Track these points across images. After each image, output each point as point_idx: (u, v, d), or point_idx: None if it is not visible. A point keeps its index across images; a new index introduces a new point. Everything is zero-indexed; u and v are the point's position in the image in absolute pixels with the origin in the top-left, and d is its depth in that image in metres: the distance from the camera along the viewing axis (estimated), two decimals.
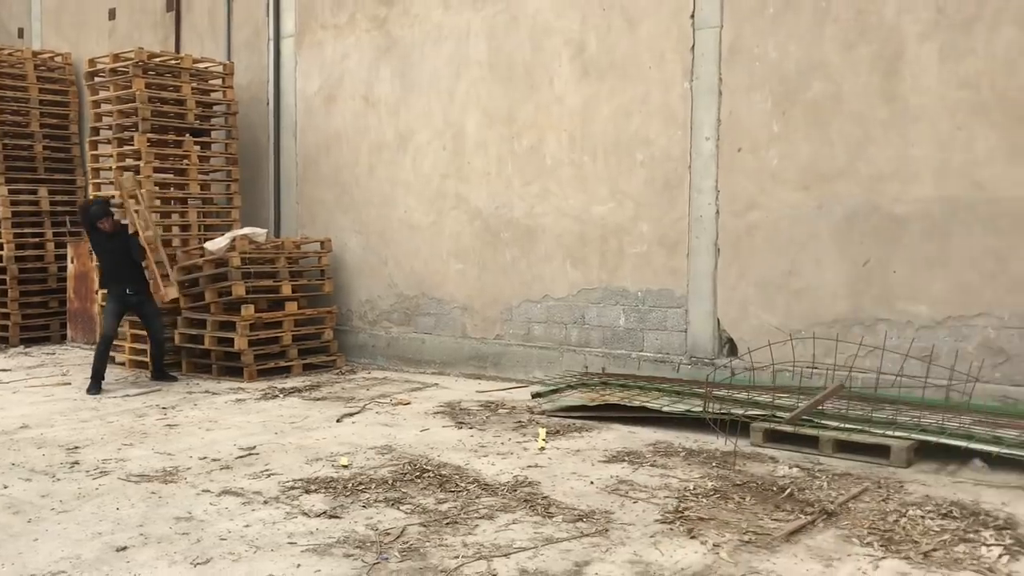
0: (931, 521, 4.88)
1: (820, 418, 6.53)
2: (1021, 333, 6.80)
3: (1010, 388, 6.82)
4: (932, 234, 7.12)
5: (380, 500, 5.39)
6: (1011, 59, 6.76)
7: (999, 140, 6.82)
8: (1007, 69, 6.78)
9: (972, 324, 6.98)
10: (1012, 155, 6.77)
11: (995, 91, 6.83)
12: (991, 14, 6.82)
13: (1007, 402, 6.80)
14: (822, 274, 7.64)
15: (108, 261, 9.28)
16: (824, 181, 7.58)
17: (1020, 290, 6.78)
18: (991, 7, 6.82)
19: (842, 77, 7.46)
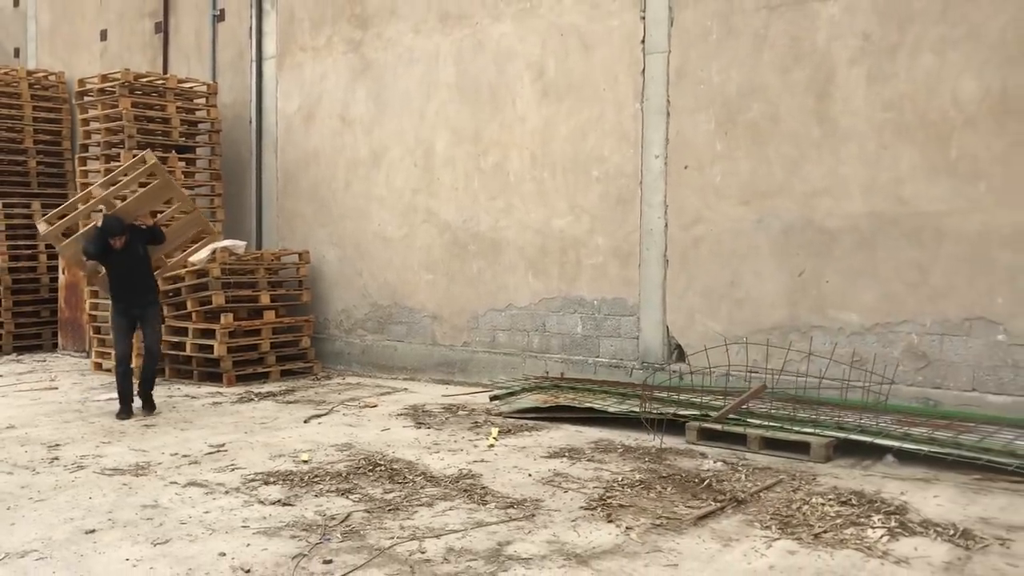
0: (830, 508, 5.34)
1: (750, 417, 7.00)
2: (941, 339, 7.26)
3: (931, 390, 7.29)
4: (861, 247, 7.60)
5: (332, 491, 5.85)
6: (930, 84, 7.26)
7: (920, 159, 7.31)
8: (927, 92, 7.28)
9: (897, 331, 7.45)
10: (932, 173, 7.26)
11: (916, 113, 7.32)
12: (912, 41, 7.32)
13: (928, 404, 7.26)
14: (762, 284, 8.11)
15: (116, 274, 8.40)
16: (763, 197, 8.07)
17: (940, 299, 7.25)
18: (912, 35, 7.33)
19: (779, 99, 7.97)
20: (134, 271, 8.37)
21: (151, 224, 8.72)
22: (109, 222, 8.25)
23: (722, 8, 8.23)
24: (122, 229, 8.22)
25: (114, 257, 8.30)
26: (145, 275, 8.48)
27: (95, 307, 11.33)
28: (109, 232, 8.19)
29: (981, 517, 5.22)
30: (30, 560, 4.65)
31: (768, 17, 8.00)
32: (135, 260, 8.37)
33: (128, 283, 8.36)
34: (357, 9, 10.99)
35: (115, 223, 8.23)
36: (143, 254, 8.47)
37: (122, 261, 8.32)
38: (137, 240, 8.39)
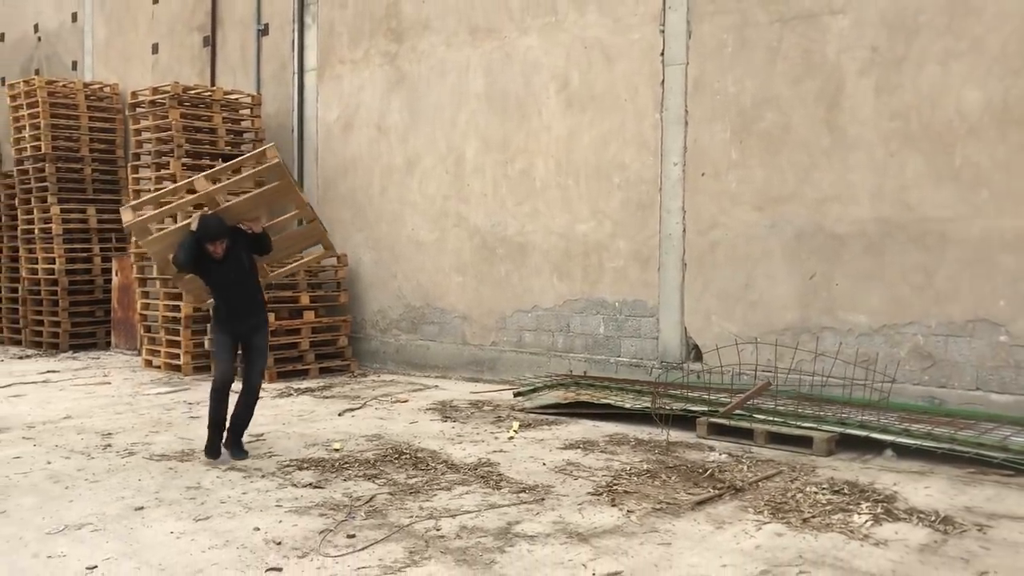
0: (822, 496, 5.68)
1: (758, 414, 7.33)
2: (946, 340, 7.53)
3: (936, 389, 7.56)
4: (869, 251, 7.89)
5: (360, 476, 6.32)
6: (935, 94, 7.54)
7: (926, 166, 7.59)
8: (931, 103, 7.56)
9: (904, 332, 7.73)
10: (937, 180, 7.54)
11: (922, 122, 7.60)
12: (917, 54, 7.61)
13: (934, 402, 7.53)
14: (774, 287, 8.44)
15: (217, 289, 6.80)
16: (776, 203, 8.39)
17: (945, 301, 7.52)
18: (917, 48, 7.61)
19: (791, 109, 8.29)
20: (239, 286, 6.75)
21: (255, 229, 6.89)
22: (208, 223, 6.56)
23: (737, 22, 8.57)
24: (222, 232, 6.56)
25: (213, 269, 6.65)
26: (253, 292, 6.85)
27: (146, 307, 11.97)
28: (206, 235, 6.53)
29: (966, 506, 5.52)
30: (86, 532, 5.17)
31: (781, 30, 8.32)
32: (240, 273, 6.73)
33: (231, 301, 6.76)
34: (393, 23, 11.50)
35: (215, 224, 6.57)
36: (249, 266, 6.82)
37: (224, 274, 6.68)
38: (240, 247, 6.75)
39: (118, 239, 14.30)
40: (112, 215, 14.47)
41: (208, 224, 6.58)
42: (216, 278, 6.72)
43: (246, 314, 6.79)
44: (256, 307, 6.88)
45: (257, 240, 6.89)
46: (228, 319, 6.78)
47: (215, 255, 6.60)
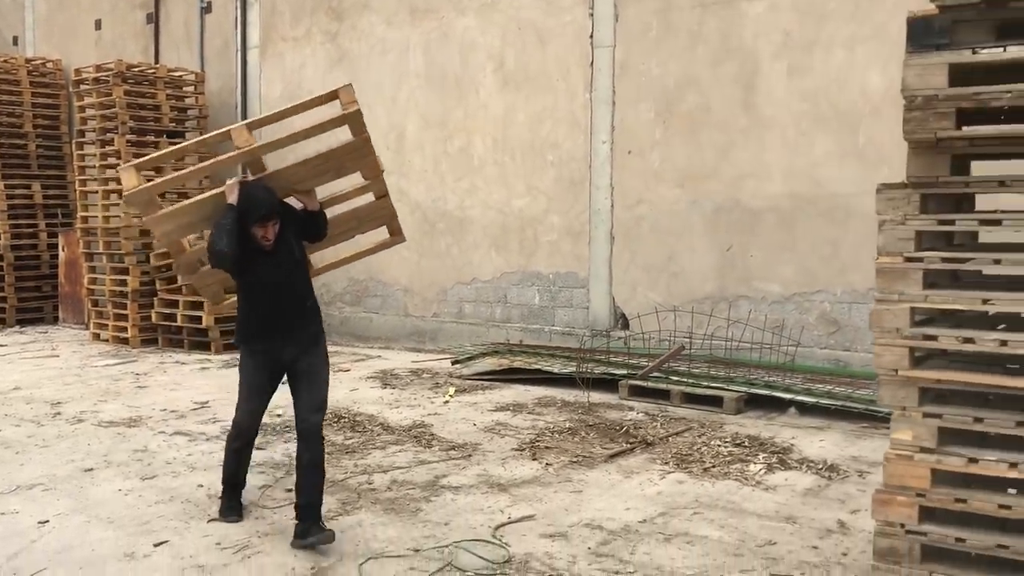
0: (724, 449, 6.21)
1: (676, 376, 7.86)
2: (850, 307, 8.11)
3: (841, 353, 8.14)
4: (782, 225, 8.43)
5: None
6: (842, 77, 8.06)
7: (834, 145, 8.13)
8: (839, 85, 8.08)
9: (812, 299, 8.30)
10: (843, 158, 8.08)
11: (830, 103, 8.13)
12: (826, 38, 8.12)
13: (839, 364, 8.12)
14: (695, 259, 8.95)
15: (258, 291, 4.71)
16: (697, 180, 8.89)
17: (850, 271, 8.08)
18: (826, 33, 8.12)
19: (711, 91, 8.77)
20: (289, 287, 4.72)
21: (312, 204, 4.89)
22: (255, 194, 4.55)
23: (661, 6, 9.01)
24: (275, 207, 4.58)
25: (258, 262, 4.63)
26: (305, 293, 4.80)
27: (93, 281, 12.16)
28: (255, 211, 4.50)
29: (853, 456, 6.09)
30: (37, 491, 5.51)
31: (702, 15, 8.78)
32: (291, 267, 4.72)
33: (277, 307, 4.67)
34: (333, 2, 11.75)
35: (265, 196, 4.57)
36: (300, 255, 4.83)
37: (271, 269, 4.65)
38: (290, 231, 4.71)
39: (64, 214, 14.40)
40: (58, 191, 14.55)
41: (255, 196, 4.51)
42: (261, 274, 4.62)
43: (297, 325, 4.71)
44: (311, 314, 4.80)
45: (312, 221, 4.86)
46: (266, 334, 4.66)
47: (263, 241, 4.54)
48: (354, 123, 4.93)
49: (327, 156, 4.94)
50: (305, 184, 4.92)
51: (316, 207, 4.91)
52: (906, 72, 3.43)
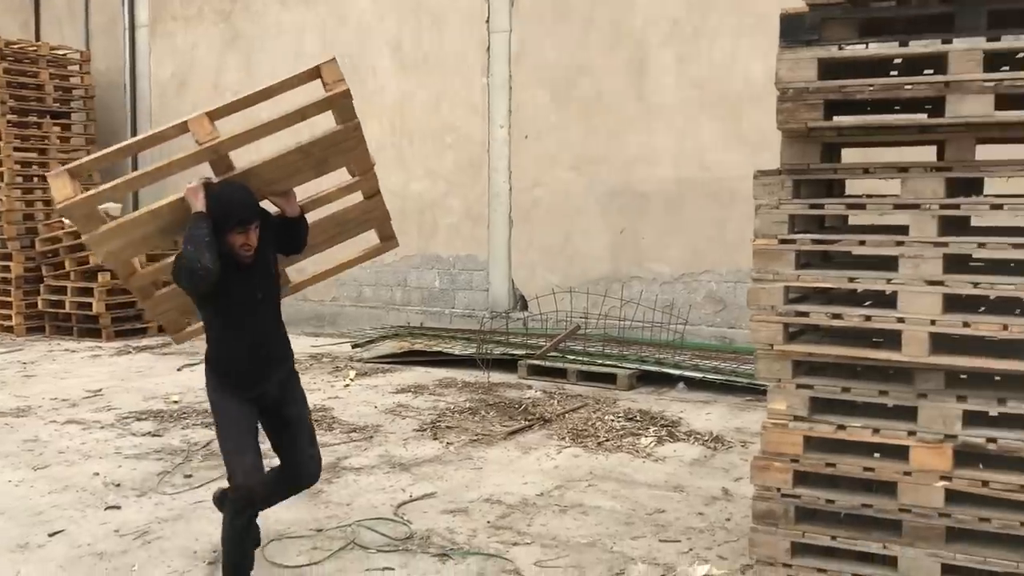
0: (617, 423, 6.47)
1: (572, 355, 8.09)
2: (735, 286, 8.49)
3: (727, 330, 8.53)
4: (671, 207, 8.75)
5: (198, 424, 6.68)
6: (727, 65, 8.40)
7: (719, 131, 8.47)
8: (724, 73, 8.42)
9: (700, 279, 8.66)
10: (728, 143, 8.43)
11: (716, 90, 8.47)
12: (712, 28, 8.45)
13: (725, 341, 8.50)
14: (590, 241, 9.21)
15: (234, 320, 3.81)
16: (590, 164, 9.13)
17: (735, 251, 8.45)
18: (712, 22, 8.44)
19: (603, 77, 9.00)
20: (267, 309, 3.91)
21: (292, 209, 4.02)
22: (229, 195, 3.69)
23: None
24: (256, 209, 3.75)
25: (230, 278, 3.71)
26: (277, 317, 3.99)
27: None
28: (235, 215, 3.65)
29: (737, 427, 6.43)
30: None
31: (594, 2, 8.99)
32: (268, 282, 3.91)
33: (251, 335, 3.83)
34: None
35: (242, 196, 3.71)
36: (275, 271, 4.00)
37: (248, 288, 3.80)
38: (266, 241, 3.84)
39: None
40: None
41: (230, 197, 3.67)
42: (235, 295, 3.73)
43: (277, 358, 3.93)
44: (284, 343, 4.00)
45: (290, 229, 4.01)
46: (242, 370, 3.81)
47: (243, 251, 3.68)
48: (341, 107, 4.10)
49: (307, 150, 3.98)
50: (281, 185, 3.98)
51: (296, 212, 4.00)
52: (779, 66, 3.66)
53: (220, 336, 3.84)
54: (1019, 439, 3.41)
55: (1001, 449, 3.42)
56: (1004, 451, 3.42)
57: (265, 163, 3.92)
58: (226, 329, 3.81)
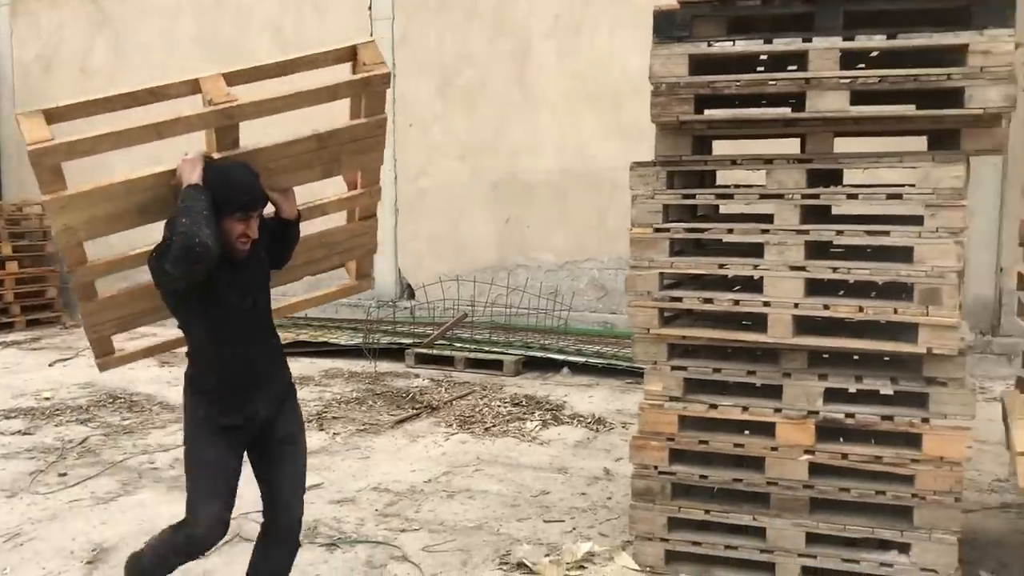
0: (503, 409, 6.58)
1: (460, 343, 8.17)
2: (616, 273, 8.72)
3: (609, 316, 8.76)
4: (555, 197, 8.91)
5: (72, 421, 6.45)
6: (606, 58, 8.60)
7: (600, 122, 8.67)
8: (604, 66, 8.61)
9: (583, 267, 8.86)
10: (608, 134, 8.63)
11: (596, 83, 8.65)
12: (592, 21, 8.63)
13: (607, 327, 8.73)
14: (476, 230, 9.28)
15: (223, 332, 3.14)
16: (476, 154, 9.20)
17: (615, 240, 8.67)
18: (591, 15, 8.62)
19: (487, 66, 9.08)
20: (261, 314, 3.31)
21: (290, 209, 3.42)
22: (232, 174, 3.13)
23: None
24: (262, 193, 3.18)
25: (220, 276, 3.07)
26: (272, 328, 3.36)
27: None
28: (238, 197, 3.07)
29: (618, 409, 6.63)
30: None
31: None
32: (262, 284, 3.32)
33: (251, 345, 3.23)
34: None
35: (248, 177, 3.16)
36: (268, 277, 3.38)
37: (238, 287, 3.18)
38: (262, 242, 3.25)
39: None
40: None
41: (233, 176, 3.12)
42: (225, 296, 3.12)
43: (273, 374, 3.32)
44: (280, 357, 3.39)
45: (283, 233, 3.41)
46: (232, 390, 3.19)
47: (240, 242, 3.10)
48: (374, 94, 3.56)
49: (324, 140, 3.46)
50: (283, 179, 3.37)
51: (294, 213, 3.41)
52: (652, 61, 3.80)
53: (205, 349, 3.18)
54: (874, 413, 3.66)
55: (858, 423, 3.67)
56: (861, 425, 3.67)
57: (275, 146, 3.37)
58: (214, 341, 3.14)
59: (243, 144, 3.36)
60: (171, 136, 3.22)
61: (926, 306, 3.46)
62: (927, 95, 3.68)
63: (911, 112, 3.68)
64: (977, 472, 4.94)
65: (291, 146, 3.40)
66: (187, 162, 3.10)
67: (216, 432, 3.17)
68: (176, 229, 2.89)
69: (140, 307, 3.49)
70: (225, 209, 3.02)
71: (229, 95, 3.33)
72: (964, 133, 3.54)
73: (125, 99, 3.46)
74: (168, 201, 3.12)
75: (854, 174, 3.90)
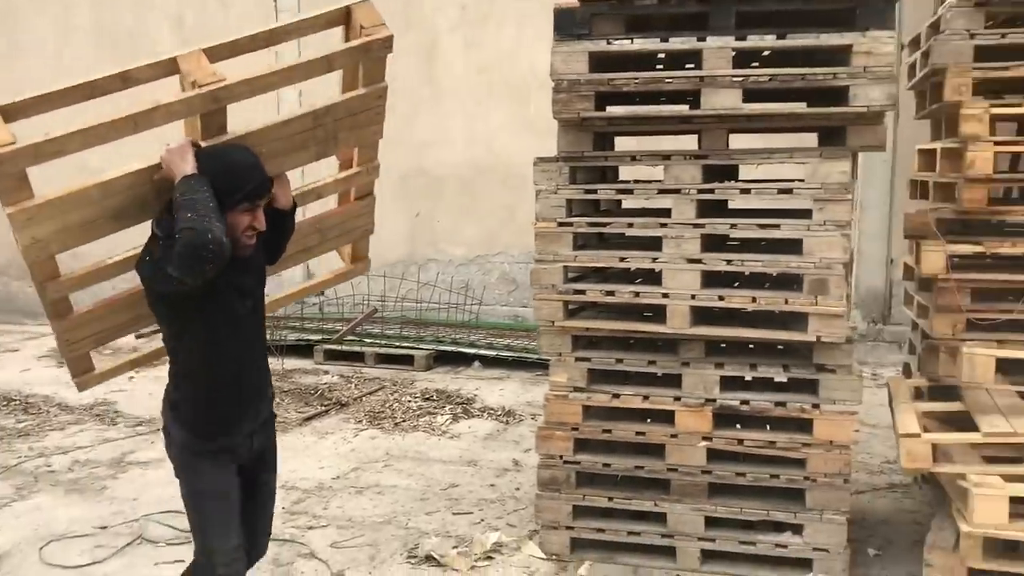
0: (414, 404, 6.59)
1: (370, 338, 8.13)
2: (526, 267, 8.76)
3: (519, 309, 8.83)
4: (465, 191, 8.93)
5: None
6: (513, 52, 8.65)
7: (507, 116, 8.72)
8: (510, 60, 8.66)
9: (493, 260, 8.92)
10: (518, 128, 8.68)
11: (504, 77, 8.70)
12: (498, 14, 8.66)
13: (517, 320, 8.81)
14: (386, 224, 9.11)
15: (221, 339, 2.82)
16: (386, 147, 9.03)
17: (525, 233, 8.63)
18: (498, 9, 8.66)
19: (396, 59, 8.93)
20: (256, 323, 3.02)
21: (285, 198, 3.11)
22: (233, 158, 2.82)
23: None
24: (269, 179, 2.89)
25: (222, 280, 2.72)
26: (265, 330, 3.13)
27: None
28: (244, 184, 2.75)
29: (528, 401, 6.70)
30: None
31: None
32: (259, 293, 3.03)
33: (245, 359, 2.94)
34: None
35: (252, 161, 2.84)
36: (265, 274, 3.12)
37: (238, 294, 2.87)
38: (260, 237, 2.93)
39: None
40: None
41: (235, 161, 2.80)
42: (227, 303, 2.83)
43: (263, 390, 3.05)
44: (268, 378, 3.11)
45: (279, 224, 3.05)
46: (233, 408, 2.90)
47: (246, 236, 2.81)
48: (374, 61, 3.31)
49: (320, 117, 3.19)
50: (277, 163, 3.00)
51: (290, 202, 3.10)
52: (554, 58, 3.86)
53: (198, 361, 2.80)
54: (768, 400, 3.81)
55: (753, 410, 3.81)
56: (755, 411, 3.81)
57: (268, 128, 3.02)
58: (210, 351, 2.79)
59: (231, 129, 3.01)
60: (149, 127, 2.89)
61: (815, 296, 3.61)
62: (816, 93, 3.83)
63: (800, 110, 3.82)
64: (868, 455, 5.17)
65: (285, 126, 3.09)
66: (173, 152, 2.75)
67: (212, 457, 2.85)
68: (179, 226, 2.54)
69: (121, 319, 3.18)
70: (228, 200, 2.69)
71: (215, 74, 2.97)
72: (849, 130, 3.70)
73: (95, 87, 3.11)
74: (148, 202, 2.82)
75: (750, 169, 4.04)
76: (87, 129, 2.84)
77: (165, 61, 3.01)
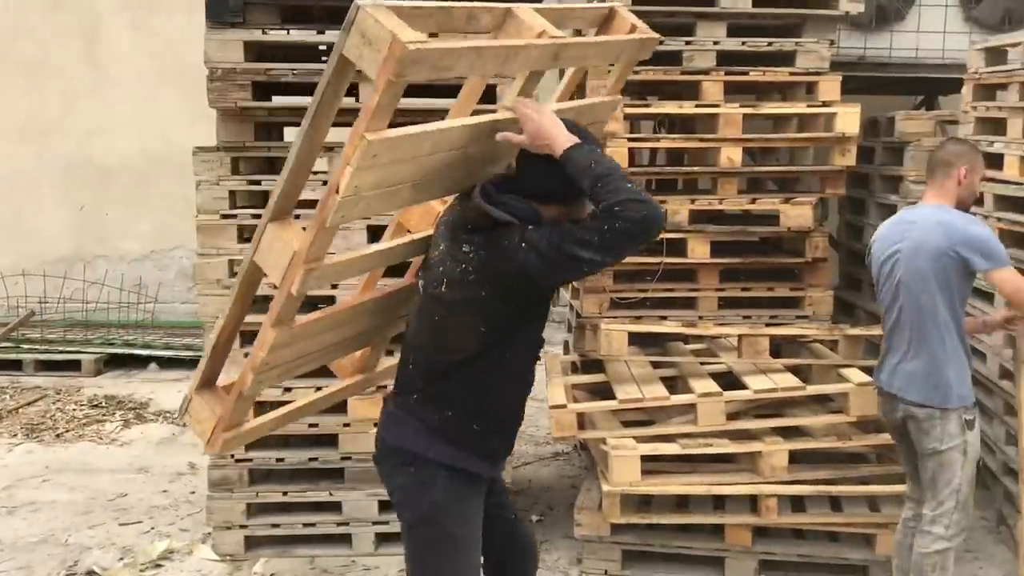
0: (80, 412, 6.13)
1: (29, 343, 7.42)
2: None
3: None
4: (138, 182, 8.40)
5: None
6: (186, 37, 8.23)
7: (182, 105, 8.27)
8: (182, 46, 8.23)
9: (171, 255, 8.49)
10: (193, 117, 8.22)
11: (175, 64, 8.27)
12: (168, 1, 8.25)
13: (199, 317, 8.44)
14: (46, 218, 8.47)
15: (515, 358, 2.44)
16: (41, 135, 8.37)
17: None
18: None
19: (48, 41, 8.30)
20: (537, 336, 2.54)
21: None
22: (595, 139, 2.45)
23: None
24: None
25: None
26: None
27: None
28: None
29: None
30: None
31: None
32: None
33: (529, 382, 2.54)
34: None
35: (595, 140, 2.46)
36: None
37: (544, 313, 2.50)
38: None
39: None
40: None
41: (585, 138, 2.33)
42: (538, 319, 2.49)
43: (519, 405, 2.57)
44: None
45: None
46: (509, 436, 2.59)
47: None
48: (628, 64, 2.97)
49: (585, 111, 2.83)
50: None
51: None
52: (207, 45, 3.78)
53: (494, 387, 2.40)
54: None
55: None
56: None
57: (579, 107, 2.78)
58: (507, 374, 2.43)
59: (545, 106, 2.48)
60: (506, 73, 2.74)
61: None
62: None
63: None
64: (536, 428, 5.53)
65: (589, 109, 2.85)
66: (544, 113, 2.26)
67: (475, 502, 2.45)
68: (619, 197, 2.12)
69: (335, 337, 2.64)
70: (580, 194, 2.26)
71: (548, 32, 2.36)
72: None
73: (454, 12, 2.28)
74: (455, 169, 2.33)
75: None
76: (475, 49, 2.14)
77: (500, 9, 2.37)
